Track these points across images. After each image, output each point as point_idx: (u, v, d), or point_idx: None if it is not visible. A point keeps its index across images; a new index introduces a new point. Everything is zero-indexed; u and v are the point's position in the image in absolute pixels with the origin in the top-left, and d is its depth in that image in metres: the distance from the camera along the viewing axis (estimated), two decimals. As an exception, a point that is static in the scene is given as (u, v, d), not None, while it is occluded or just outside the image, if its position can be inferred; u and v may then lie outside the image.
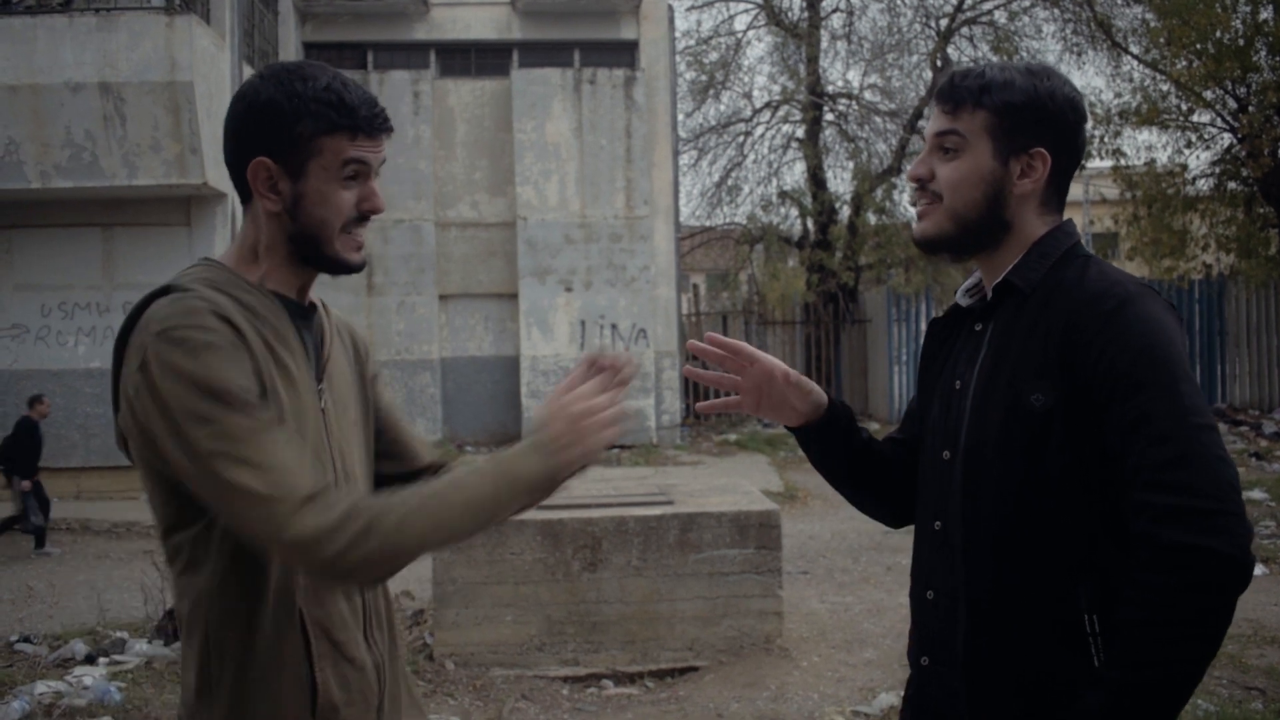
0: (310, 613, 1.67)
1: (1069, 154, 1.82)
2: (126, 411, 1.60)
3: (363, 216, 1.75)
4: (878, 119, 21.85)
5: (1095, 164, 19.29)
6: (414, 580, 7.62)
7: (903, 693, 1.94)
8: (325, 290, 1.87)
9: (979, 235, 1.82)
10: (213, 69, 12.68)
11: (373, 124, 1.71)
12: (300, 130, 1.67)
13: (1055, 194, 1.84)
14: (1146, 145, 37.43)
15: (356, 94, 1.70)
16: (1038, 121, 1.78)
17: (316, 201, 1.70)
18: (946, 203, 1.82)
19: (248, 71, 14.16)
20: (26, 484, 10.62)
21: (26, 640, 6.45)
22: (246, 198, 1.75)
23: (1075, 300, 1.70)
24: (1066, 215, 1.88)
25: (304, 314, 1.78)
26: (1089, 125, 1.75)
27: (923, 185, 1.85)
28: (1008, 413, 1.73)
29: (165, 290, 1.65)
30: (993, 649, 1.74)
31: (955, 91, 1.81)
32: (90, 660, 5.99)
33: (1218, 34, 16.60)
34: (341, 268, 1.77)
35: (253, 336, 1.64)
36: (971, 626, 1.76)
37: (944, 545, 1.81)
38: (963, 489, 1.79)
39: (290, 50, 16.97)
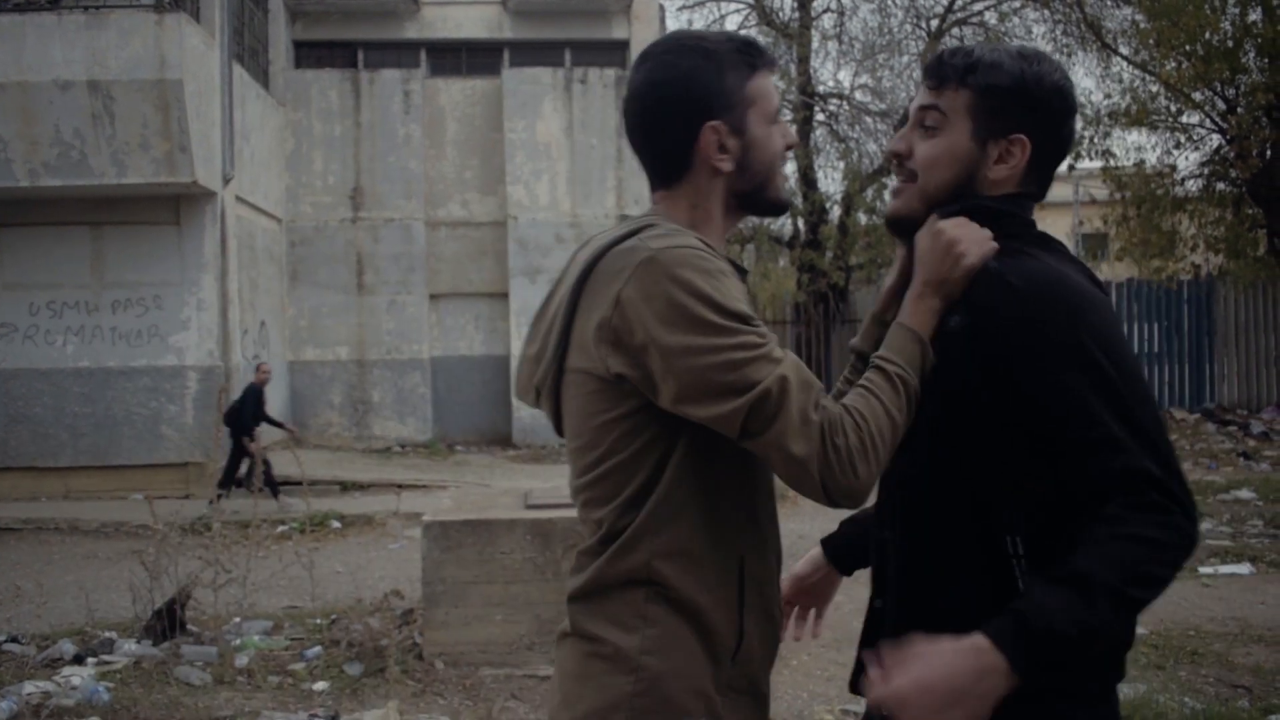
0: (750, 564, 1.73)
1: (1053, 143, 1.77)
2: (594, 345, 1.64)
3: (785, 153, 1.81)
4: (868, 119, 21.86)
5: (1085, 164, 19.33)
6: (404, 580, 7.62)
7: None
8: (313, 290, 1.87)
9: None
10: (202, 67, 12.65)
11: (769, 58, 1.78)
12: (730, 83, 1.73)
13: (1036, 183, 1.79)
14: (1136, 146, 37.48)
15: (743, 36, 1.80)
16: (1021, 106, 1.73)
17: (762, 147, 1.76)
18: (920, 182, 1.78)
19: (238, 70, 14.14)
20: (254, 444, 11.44)
21: (14, 640, 6.42)
22: (677, 175, 1.77)
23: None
24: (1057, 216, 1.84)
25: (741, 273, 1.81)
26: (1078, 121, 1.67)
27: (900, 161, 1.81)
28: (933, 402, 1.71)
29: (632, 234, 1.69)
30: (918, 578, 1.73)
31: (942, 68, 1.77)
32: (79, 660, 5.97)
33: (1207, 36, 16.66)
34: (781, 207, 1.84)
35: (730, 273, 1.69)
36: (901, 559, 1.75)
37: (883, 481, 1.80)
38: (899, 485, 1.79)
39: (280, 49, 16.94)
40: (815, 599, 2.13)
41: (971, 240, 1.68)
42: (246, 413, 11.74)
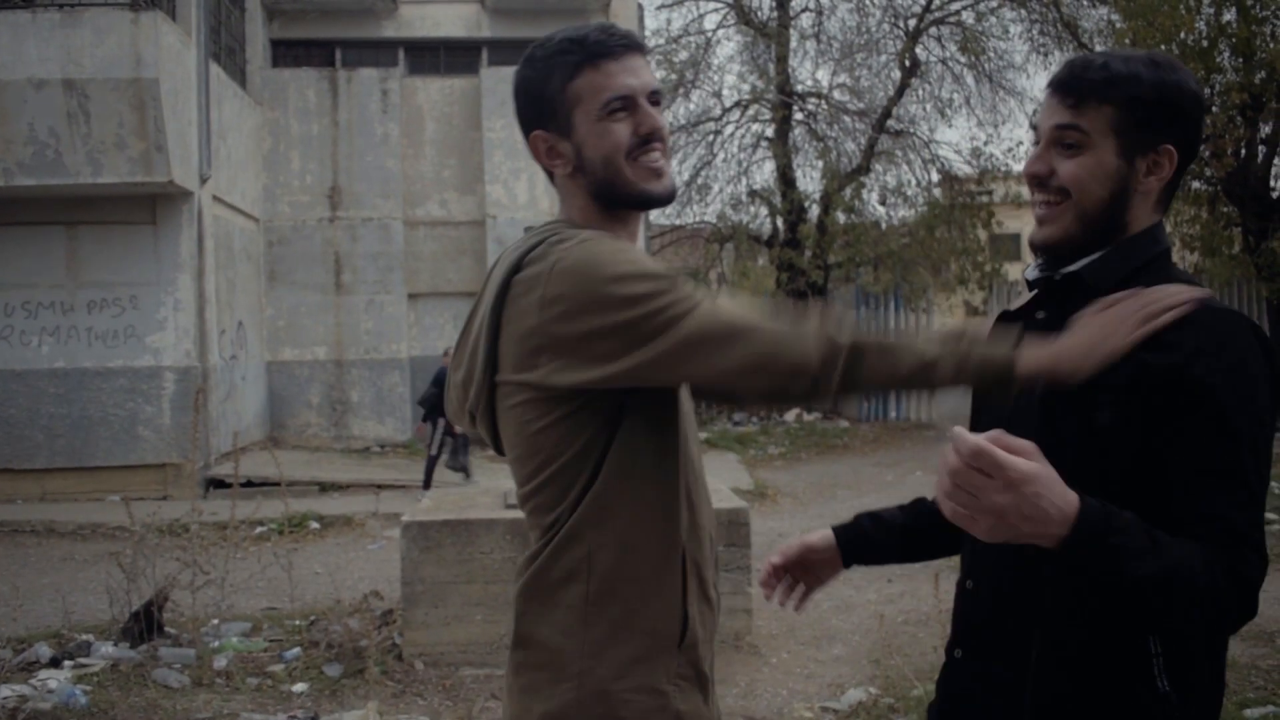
0: (690, 550, 1.73)
1: (1191, 149, 1.72)
2: (524, 354, 1.65)
3: (645, 141, 1.74)
4: (846, 118, 21.94)
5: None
6: (382, 580, 7.60)
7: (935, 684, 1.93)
8: (291, 289, 1.88)
9: (1101, 237, 1.70)
10: (178, 66, 12.58)
11: (608, 46, 1.73)
12: (552, 88, 1.73)
13: (1169, 191, 1.74)
14: (1112, 145, 37.70)
15: (592, 29, 1.76)
16: (1165, 117, 1.67)
17: (594, 145, 1.73)
18: (1075, 200, 1.68)
19: (214, 69, 14.06)
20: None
21: (-10, 643, 6.38)
22: (551, 181, 1.84)
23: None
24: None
25: None
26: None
27: (1042, 182, 1.72)
28: (1076, 424, 1.65)
29: (539, 244, 1.71)
30: (1050, 653, 1.68)
31: (1078, 84, 1.68)
32: (55, 663, 5.93)
33: (1182, 35, 16.77)
34: (651, 198, 1.77)
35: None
36: (1045, 639, 1.70)
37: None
38: None
39: (257, 47, 16.86)
40: (812, 576, 2.11)
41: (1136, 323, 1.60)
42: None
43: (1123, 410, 1.60)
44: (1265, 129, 17.78)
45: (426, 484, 12.83)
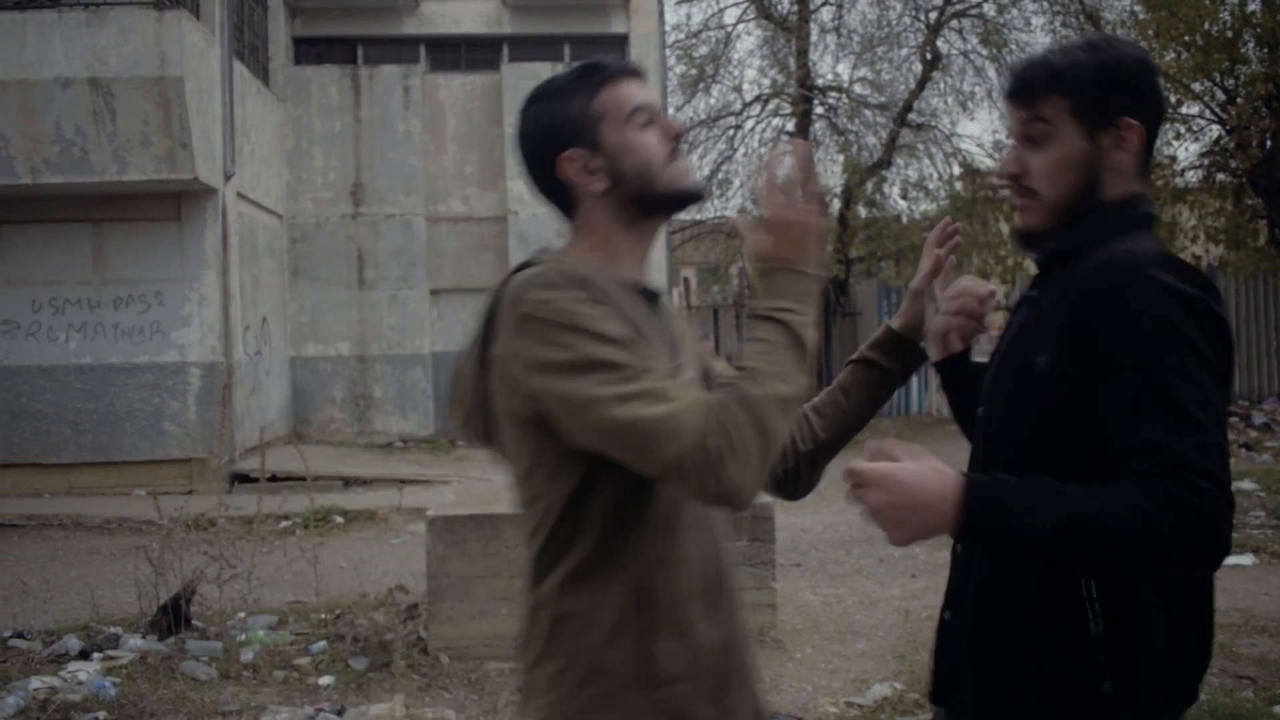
0: (657, 585, 1.69)
1: (1153, 113, 1.79)
2: (505, 387, 1.68)
3: (673, 143, 1.81)
4: (868, 112, 21.85)
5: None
6: (408, 574, 7.64)
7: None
8: (314, 285, 1.91)
9: (1077, 217, 1.80)
10: (203, 64, 12.65)
11: (620, 68, 1.81)
12: (576, 109, 1.78)
13: (1145, 159, 1.81)
14: (1136, 137, 37.44)
15: (597, 60, 1.83)
16: (1116, 92, 1.75)
17: (628, 151, 1.77)
18: (1046, 197, 1.80)
19: (238, 67, 14.14)
20: None
21: (20, 636, 6.45)
22: (569, 210, 1.83)
23: (1092, 269, 1.71)
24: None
25: (651, 298, 1.83)
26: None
27: (1016, 181, 1.84)
28: (1019, 373, 1.77)
29: (519, 269, 1.75)
30: (995, 601, 1.77)
31: (1026, 85, 1.81)
32: (84, 655, 5.99)
33: (1206, 26, 16.65)
34: (686, 196, 1.82)
35: (617, 298, 1.70)
36: (980, 578, 1.79)
37: None
38: (983, 444, 1.85)
39: (280, 45, 16.93)
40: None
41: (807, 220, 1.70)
42: None
43: (1056, 355, 1.69)
44: (1291, 120, 17.60)
45: None
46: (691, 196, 1.82)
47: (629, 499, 1.67)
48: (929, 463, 1.60)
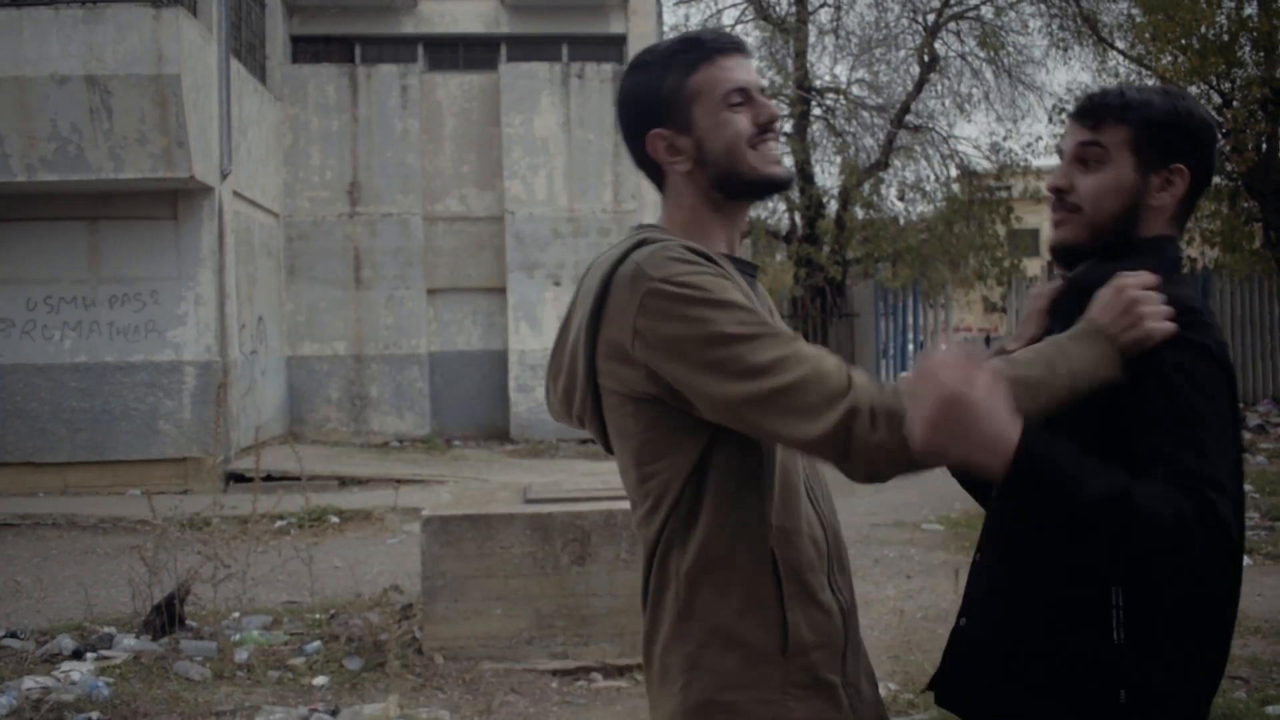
0: (782, 555, 1.70)
1: (1204, 172, 1.87)
2: (620, 365, 1.66)
3: (764, 129, 1.79)
4: (865, 114, 21.86)
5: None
6: (403, 574, 7.63)
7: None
8: (311, 285, 1.90)
9: (1110, 245, 1.85)
10: (200, 62, 12.63)
11: (723, 44, 1.78)
12: (669, 87, 1.76)
13: (1183, 212, 1.89)
14: (1132, 140, 37.47)
15: (704, 32, 1.82)
16: (1178, 137, 1.83)
17: (716, 135, 1.76)
18: (1087, 214, 1.86)
19: (235, 65, 14.13)
20: None
21: (13, 635, 6.44)
22: (659, 183, 1.84)
23: None
24: None
25: (750, 270, 1.84)
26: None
27: (1061, 196, 1.88)
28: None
29: (626, 255, 1.70)
30: (1019, 608, 1.79)
31: (1097, 108, 1.86)
32: (78, 655, 5.97)
33: (1202, 29, 16.69)
34: (771, 183, 1.81)
35: (729, 271, 1.71)
36: (1003, 585, 1.82)
37: (994, 513, 1.90)
38: None
39: (278, 44, 16.92)
40: None
41: (1154, 313, 1.69)
42: None
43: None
44: (1287, 124, 17.64)
45: None
46: (777, 184, 1.82)
47: (745, 472, 1.68)
48: (999, 396, 1.56)
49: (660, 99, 1.76)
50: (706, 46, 1.77)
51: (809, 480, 1.80)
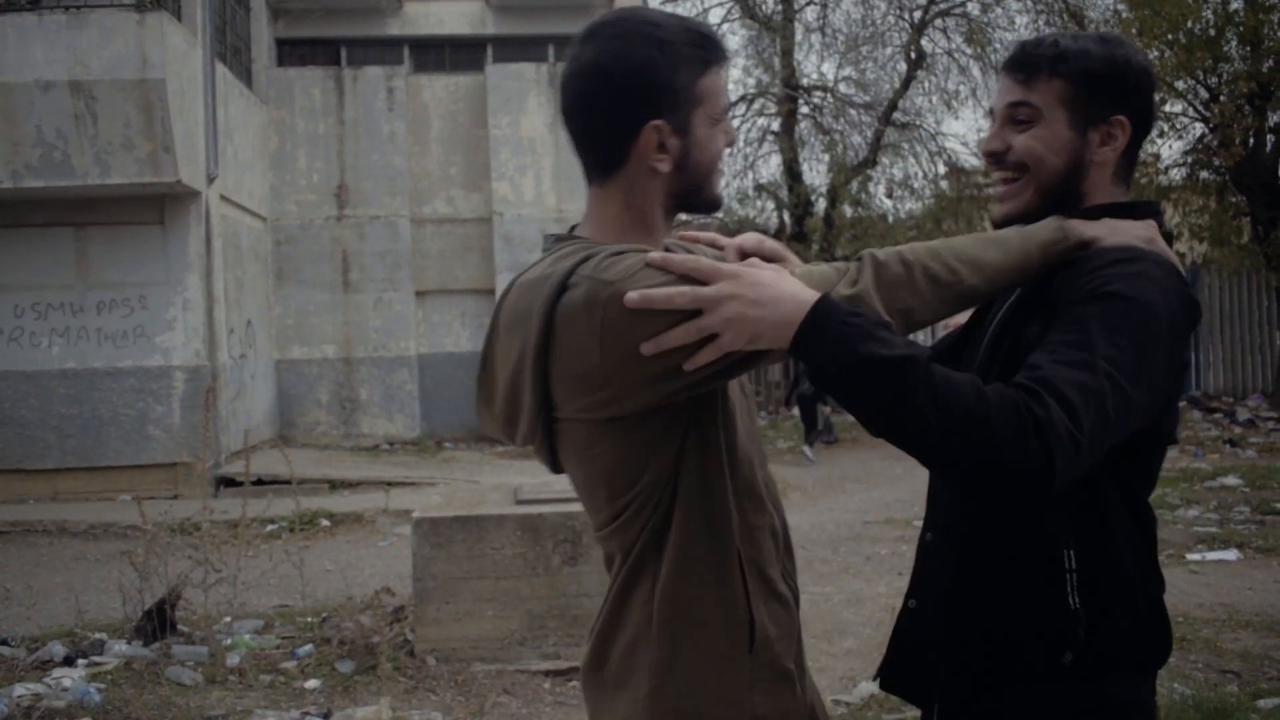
0: (746, 553, 1.68)
1: (1144, 121, 1.79)
2: (579, 394, 1.57)
3: (726, 149, 1.74)
4: (853, 111, 21.89)
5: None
6: (394, 577, 7.62)
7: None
8: (299, 288, 1.87)
9: (1059, 209, 1.75)
10: (185, 66, 12.59)
11: (726, 52, 1.70)
12: (682, 80, 1.64)
13: (1127, 165, 1.80)
14: (1119, 135, 37.56)
15: (710, 29, 1.71)
16: (1116, 89, 1.74)
17: (704, 149, 1.68)
18: (1033, 173, 1.76)
19: (220, 69, 14.09)
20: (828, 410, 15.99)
21: (4, 642, 6.41)
22: (612, 169, 1.69)
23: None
24: None
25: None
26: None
27: (999, 159, 1.79)
28: (1013, 343, 1.72)
29: (569, 276, 1.57)
30: (972, 584, 1.74)
31: (1030, 61, 1.76)
32: (69, 662, 5.95)
33: (1189, 24, 16.73)
34: (716, 204, 1.75)
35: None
36: (957, 566, 1.76)
37: (943, 485, 1.83)
38: None
39: (263, 47, 16.88)
40: None
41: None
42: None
43: (1044, 326, 1.63)
44: (1273, 118, 17.73)
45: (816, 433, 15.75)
46: (715, 206, 1.75)
47: (709, 471, 1.65)
48: (785, 274, 1.51)
49: (669, 90, 1.62)
50: (718, 51, 1.68)
51: (762, 468, 1.78)
